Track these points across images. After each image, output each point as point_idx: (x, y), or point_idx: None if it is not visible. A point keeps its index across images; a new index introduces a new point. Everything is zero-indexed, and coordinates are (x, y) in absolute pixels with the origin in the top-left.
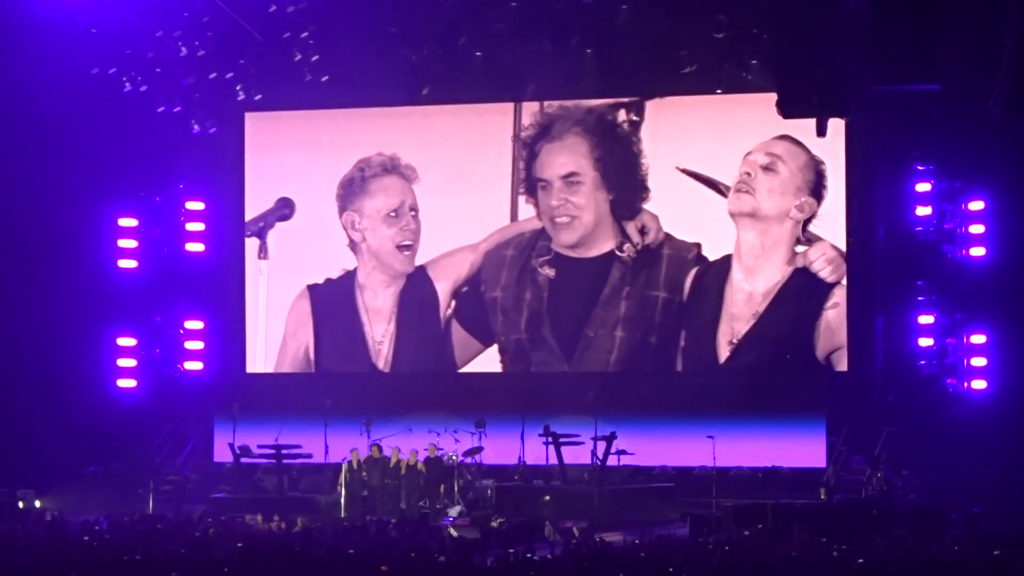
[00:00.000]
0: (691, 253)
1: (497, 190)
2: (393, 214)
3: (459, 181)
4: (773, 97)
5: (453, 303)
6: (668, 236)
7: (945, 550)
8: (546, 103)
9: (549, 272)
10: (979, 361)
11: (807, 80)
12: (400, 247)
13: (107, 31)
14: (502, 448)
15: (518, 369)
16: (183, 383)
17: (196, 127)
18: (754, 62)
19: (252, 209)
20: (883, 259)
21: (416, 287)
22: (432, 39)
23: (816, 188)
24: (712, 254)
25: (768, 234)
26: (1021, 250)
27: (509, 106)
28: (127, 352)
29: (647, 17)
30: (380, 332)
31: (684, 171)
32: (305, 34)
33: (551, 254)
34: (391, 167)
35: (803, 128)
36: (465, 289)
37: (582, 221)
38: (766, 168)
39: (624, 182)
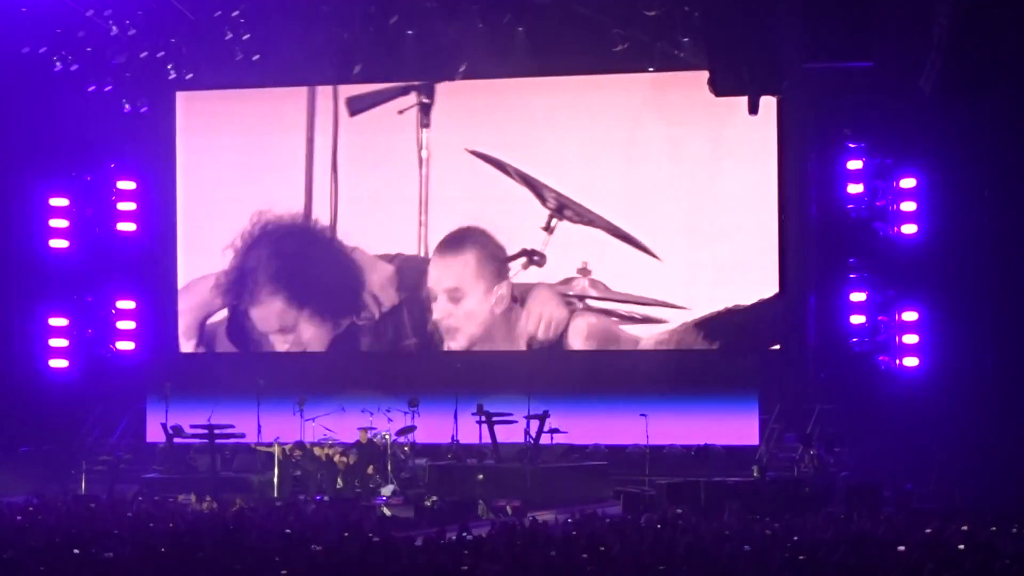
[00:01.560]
0: None
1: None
2: None
3: (254, 163)
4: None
5: None
6: None
7: (878, 527)
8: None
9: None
10: (911, 338)
11: (739, 58)
12: None
13: (37, 10)
14: (435, 427)
15: None
16: (115, 363)
17: (127, 106)
18: (686, 40)
19: (184, 188)
20: (815, 237)
21: None
22: (363, 17)
23: None
24: None
25: None
26: (953, 227)
27: (303, 91)
28: (59, 332)
29: None
30: None
31: (474, 153)
32: (236, 12)
33: None
34: None
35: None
36: None
37: None
38: None
39: None
